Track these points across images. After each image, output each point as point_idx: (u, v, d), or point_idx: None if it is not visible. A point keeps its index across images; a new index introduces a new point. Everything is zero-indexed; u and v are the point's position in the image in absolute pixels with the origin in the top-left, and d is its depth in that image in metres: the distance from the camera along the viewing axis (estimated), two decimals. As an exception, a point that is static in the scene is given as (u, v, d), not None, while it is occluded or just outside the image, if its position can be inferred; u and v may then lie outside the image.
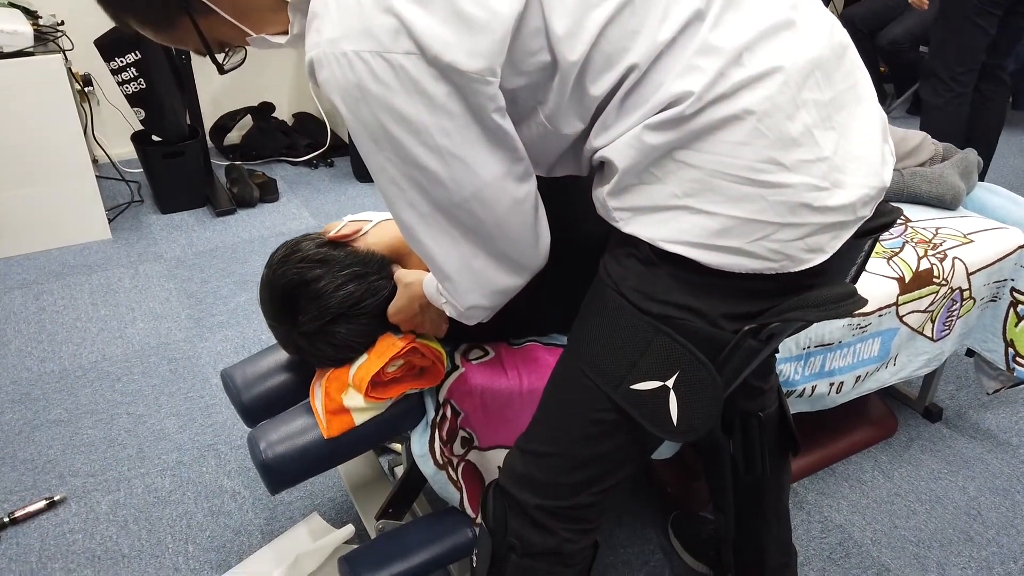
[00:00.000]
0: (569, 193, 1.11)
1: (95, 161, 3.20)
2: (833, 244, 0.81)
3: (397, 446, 1.82)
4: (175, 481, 1.74)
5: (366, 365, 1.16)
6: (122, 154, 3.19)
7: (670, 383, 0.84)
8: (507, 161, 0.81)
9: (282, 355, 1.35)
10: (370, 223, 1.24)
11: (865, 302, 0.86)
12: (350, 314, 1.15)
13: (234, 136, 3.56)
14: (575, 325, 0.94)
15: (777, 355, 1.26)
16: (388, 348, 1.16)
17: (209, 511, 1.66)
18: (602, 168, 0.85)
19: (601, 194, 0.85)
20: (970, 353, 1.82)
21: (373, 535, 1.39)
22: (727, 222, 0.78)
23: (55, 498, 1.67)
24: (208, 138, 3.38)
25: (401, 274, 1.16)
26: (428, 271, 1.06)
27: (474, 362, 1.23)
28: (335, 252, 1.18)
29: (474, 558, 1.05)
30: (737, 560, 1.34)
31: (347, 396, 1.18)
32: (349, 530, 1.48)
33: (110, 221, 2.84)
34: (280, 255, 1.19)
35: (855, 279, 0.95)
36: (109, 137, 3.17)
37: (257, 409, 1.30)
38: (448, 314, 0.99)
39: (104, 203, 2.80)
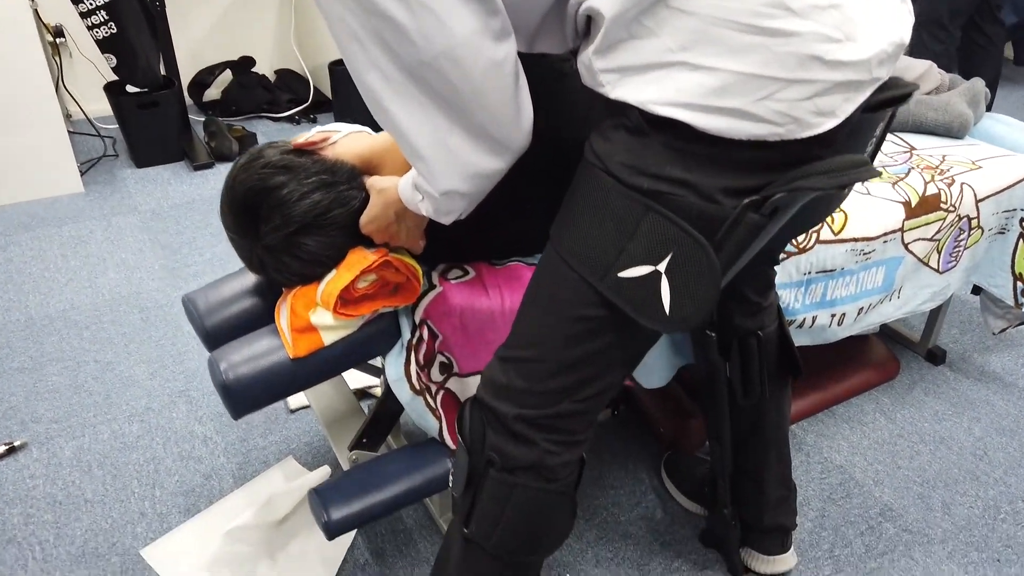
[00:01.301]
0: (556, 101, 1.02)
1: (68, 116, 3.09)
2: (845, 107, 0.72)
3: (379, 391, 1.74)
4: (143, 427, 1.65)
5: (334, 280, 1.07)
6: (96, 110, 3.08)
7: (662, 267, 0.76)
8: (482, 14, 0.72)
9: (248, 279, 1.26)
10: (340, 133, 1.15)
11: (879, 173, 0.77)
12: (317, 224, 1.06)
13: (213, 92, 3.43)
14: (557, 216, 0.85)
15: (777, 270, 1.18)
16: (359, 261, 1.07)
17: (179, 456, 1.58)
18: (588, 28, 0.76)
19: (586, 56, 0.76)
20: (976, 291, 1.75)
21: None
22: (728, 78, 0.69)
23: (15, 443, 1.58)
24: (186, 94, 3.26)
25: (374, 180, 1.07)
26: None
27: (453, 281, 1.15)
28: (301, 160, 1.09)
29: (451, 478, 0.96)
30: (734, 494, 1.26)
31: (315, 314, 1.09)
32: (324, 471, 1.40)
33: (82, 174, 2.73)
34: (242, 162, 1.10)
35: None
36: (83, 92, 3.05)
37: (221, 335, 1.21)
38: (424, 212, 0.90)
39: (77, 158, 2.70)
